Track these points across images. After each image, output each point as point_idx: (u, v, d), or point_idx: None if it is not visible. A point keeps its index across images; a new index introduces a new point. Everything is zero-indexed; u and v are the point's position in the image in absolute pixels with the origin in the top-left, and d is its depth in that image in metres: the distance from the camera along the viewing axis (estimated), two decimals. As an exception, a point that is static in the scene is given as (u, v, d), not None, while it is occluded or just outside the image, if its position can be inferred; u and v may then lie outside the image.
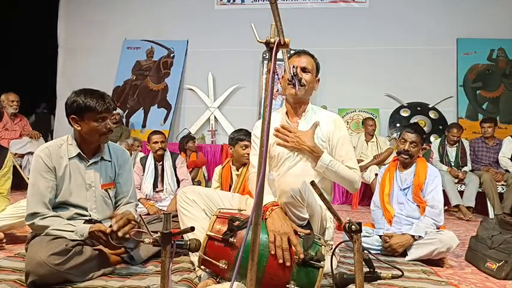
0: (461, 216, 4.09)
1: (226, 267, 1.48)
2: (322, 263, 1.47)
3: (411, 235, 2.32)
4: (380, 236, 2.46)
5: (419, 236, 2.31)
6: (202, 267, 1.59)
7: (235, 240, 1.49)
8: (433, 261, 2.28)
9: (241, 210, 1.70)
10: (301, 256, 1.46)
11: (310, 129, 1.94)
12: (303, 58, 1.95)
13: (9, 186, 2.40)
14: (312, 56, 2.00)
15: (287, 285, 1.46)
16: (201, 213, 1.83)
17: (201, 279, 1.69)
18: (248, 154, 2.45)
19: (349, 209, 4.60)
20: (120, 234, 1.67)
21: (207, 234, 1.52)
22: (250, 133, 2.37)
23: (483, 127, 4.61)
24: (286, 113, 2.03)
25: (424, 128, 5.41)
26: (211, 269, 1.58)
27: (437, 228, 2.37)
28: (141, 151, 4.76)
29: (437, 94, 5.69)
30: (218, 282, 1.59)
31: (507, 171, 4.37)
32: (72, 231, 1.70)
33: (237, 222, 1.53)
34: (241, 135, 2.74)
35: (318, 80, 2.05)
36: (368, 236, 2.48)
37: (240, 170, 2.75)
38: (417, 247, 2.30)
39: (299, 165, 1.92)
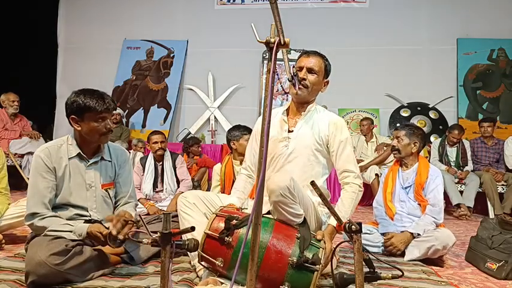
0: (460, 212, 4.06)
1: (222, 265, 1.50)
2: (317, 266, 1.46)
3: (410, 232, 2.35)
4: (382, 234, 2.48)
5: (418, 234, 2.33)
6: (202, 263, 1.61)
7: (231, 240, 1.51)
8: (433, 261, 2.28)
9: (243, 209, 1.70)
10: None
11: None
12: (311, 58, 1.92)
13: (6, 183, 2.39)
14: (322, 57, 1.96)
15: (281, 286, 1.45)
16: (202, 217, 1.82)
17: (201, 278, 1.70)
18: None
19: (349, 209, 4.58)
20: (120, 237, 1.66)
21: (204, 232, 1.55)
22: (251, 129, 2.41)
23: (482, 126, 4.62)
24: (287, 110, 2.04)
25: (424, 128, 5.41)
26: (210, 265, 1.60)
27: (436, 227, 2.39)
28: (144, 152, 4.76)
29: (437, 94, 5.69)
30: (218, 277, 1.61)
31: (509, 170, 4.36)
32: (71, 231, 1.70)
33: (234, 221, 1.54)
34: (244, 130, 2.95)
35: (327, 82, 2.01)
36: (370, 233, 2.49)
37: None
38: (414, 245, 2.32)
39: (292, 163, 1.92)
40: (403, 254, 2.36)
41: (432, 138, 5.30)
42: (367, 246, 2.39)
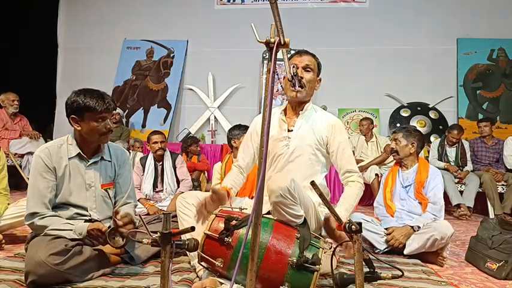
0: (460, 212, 4.06)
1: (222, 265, 1.50)
2: (317, 266, 1.46)
3: (410, 226, 2.38)
4: (386, 229, 2.51)
5: (418, 227, 2.36)
6: (202, 263, 1.61)
7: (230, 240, 1.51)
8: (433, 261, 2.29)
9: (242, 209, 1.70)
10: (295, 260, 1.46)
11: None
12: (305, 57, 1.95)
13: (6, 184, 2.39)
14: (313, 56, 1.99)
15: (281, 287, 1.45)
16: None
17: (201, 278, 1.70)
18: None
19: (349, 209, 4.58)
20: (124, 230, 1.66)
21: (204, 233, 1.55)
22: None
23: (479, 126, 4.65)
24: (285, 110, 2.04)
25: (424, 128, 5.41)
26: (209, 265, 1.60)
27: (435, 221, 2.42)
28: (142, 151, 4.75)
29: (437, 94, 5.69)
30: (218, 277, 1.61)
31: (508, 170, 4.36)
32: (71, 230, 1.70)
33: (233, 222, 1.54)
34: (245, 130, 2.97)
35: (320, 79, 2.04)
36: (374, 224, 2.51)
37: None
38: (414, 238, 2.34)
39: (294, 162, 1.92)
40: (403, 250, 2.37)
41: (432, 138, 5.30)
42: (372, 233, 2.44)
